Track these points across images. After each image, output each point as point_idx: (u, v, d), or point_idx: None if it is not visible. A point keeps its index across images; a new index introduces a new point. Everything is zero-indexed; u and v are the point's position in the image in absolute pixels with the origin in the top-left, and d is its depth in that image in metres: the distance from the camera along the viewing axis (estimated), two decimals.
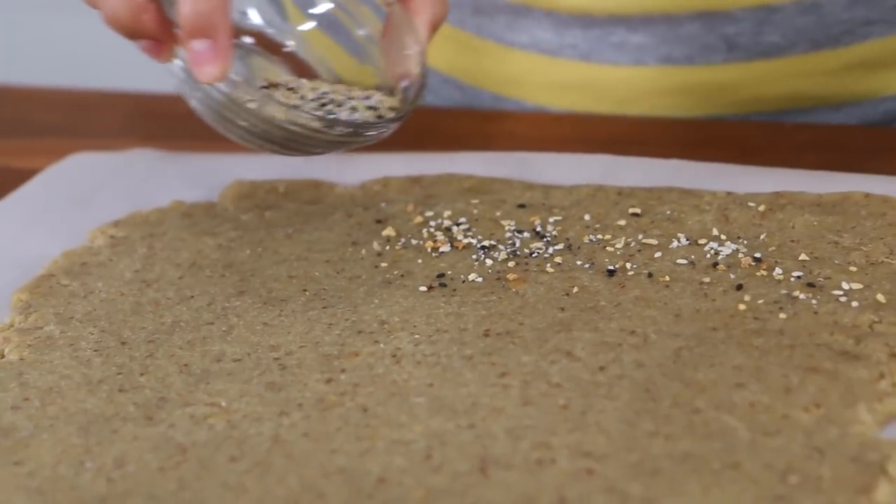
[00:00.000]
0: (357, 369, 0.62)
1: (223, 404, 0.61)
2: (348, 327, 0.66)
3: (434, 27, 0.73)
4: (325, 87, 0.74)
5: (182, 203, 0.81)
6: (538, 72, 0.95)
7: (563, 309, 0.66)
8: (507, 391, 0.60)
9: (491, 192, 0.79)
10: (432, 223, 0.75)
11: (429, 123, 0.95)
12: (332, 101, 0.72)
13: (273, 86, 0.73)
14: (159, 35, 0.67)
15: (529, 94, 0.96)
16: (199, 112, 0.69)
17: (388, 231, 0.75)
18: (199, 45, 0.65)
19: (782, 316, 0.64)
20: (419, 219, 0.76)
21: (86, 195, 0.83)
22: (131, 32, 0.68)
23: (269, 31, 0.77)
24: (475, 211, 0.76)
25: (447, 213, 0.76)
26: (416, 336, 0.64)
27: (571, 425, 0.57)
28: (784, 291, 0.66)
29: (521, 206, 0.77)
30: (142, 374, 0.64)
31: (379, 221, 0.76)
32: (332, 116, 0.70)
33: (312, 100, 0.72)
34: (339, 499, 0.54)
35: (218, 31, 0.64)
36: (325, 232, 0.76)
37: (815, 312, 0.64)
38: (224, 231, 0.77)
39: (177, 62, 0.68)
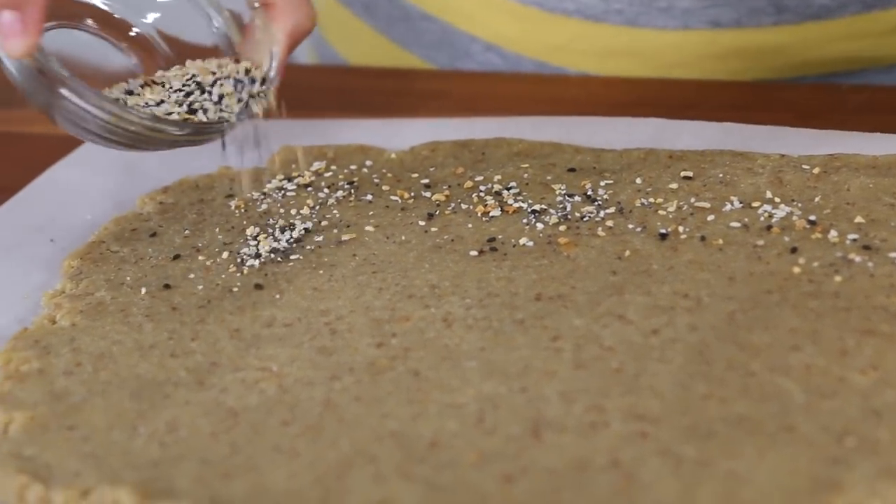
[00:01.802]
0: (408, 333, 0.62)
1: (274, 369, 0.61)
2: (399, 292, 0.65)
3: (294, 37, 0.72)
4: (193, 70, 0.72)
5: (230, 169, 0.81)
6: (583, 38, 0.94)
7: (614, 272, 0.65)
8: (560, 355, 0.59)
9: (541, 155, 0.78)
10: (482, 187, 0.75)
11: (476, 89, 0.94)
12: (198, 88, 0.71)
13: (148, 84, 0.71)
14: None
15: (574, 62, 0.95)
16: (16, 85, 0.67)
17: (438, 196, 0.74)
18: (6, 16, 0.62)
19: (838, 279, 0.63)
20: (469, 183, 0.75)
21: (135, 161, 0.83)
22: None
23: (116, 13, 0.74)
24: (525, 175, 0.76)
25: (497, 178, 0.76)
26: (467, 300, 0.64)
27: (624, 388, 0.57)
28: (839, 254, 0.65)
29: (572, 169, 0.76)
30: (193, 340, 0.64)
31: (428, 186, 0.76)
32: (169, 118, 0.69)
33: (177, 90, 0.71)
34: (392, 462, 0.54)
35: (27, 2, 0.62)
36: (374, 197, 0.75)
37: (871, 275, 0.63)
38: (274, 197, 0.77)
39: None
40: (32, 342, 0.64)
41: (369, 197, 0.75)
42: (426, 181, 0.76)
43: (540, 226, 0.70)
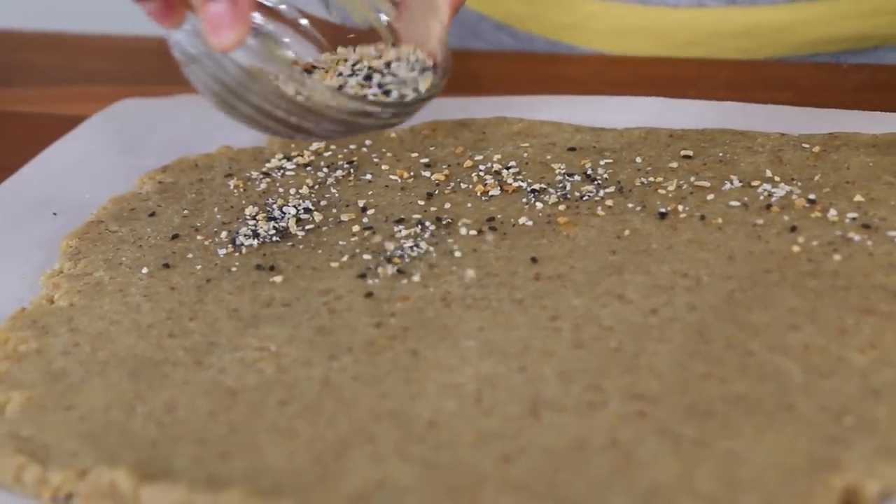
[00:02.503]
0: (407, 313, 0.62)
1: (273, 349, 0.61)
2: (397, 271, 0.65)
3: (455, 7, 0.69)
4: (352, 56, 0.69)
5: (230, 148, 0.81)
6: (596, 17, 0.93)
7: (614, 252, 0.65)
8: (559, 334, 0.59)
9: (541, 135, 0.78)
10: (482, 167, 0.75)
11: (480, 67, 0.94)
12: (373, 71, 0.67)
13: (308, 69, 0.69)
14: None
15: (586, 40, 0.95)
16: (202, 88, 0.64)
17: (438, 175, 0.74)
18: (216, 6, 0.60)
19: (837, 257, 0.63)
20: (468, 163, 0.75)
21: (134, 141, 0.83)
22: None
23: (282, 6, 0.72)
24: (525, 154, 0.75)
25: (497, 157, 0.75)
26: (466, 279, 0.64)
27: (623, 368, 0.57)
28: (839, 233, 0.65)
29: (572, 149, 0.76)
30: (191, 319, 0.64)
31: (428, 165, 0.76)
32: (389, 99, 0.66)
33: (349, 75, 0.67)
34: (390, 442, 0.54)
35: None
36: (373, 177, 0.75)
37: (871, 254, 0.63)
38: (273, 176, 0.76)
39: (179, 32, 0.64)
40: (30, 322, 0.64)
41: (369, 177, 0.75)
42: (426, 160, 0.76)
43: (539, 205, 0.70)
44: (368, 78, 0.67)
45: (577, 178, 0.72)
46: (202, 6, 0.60)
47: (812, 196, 0.68)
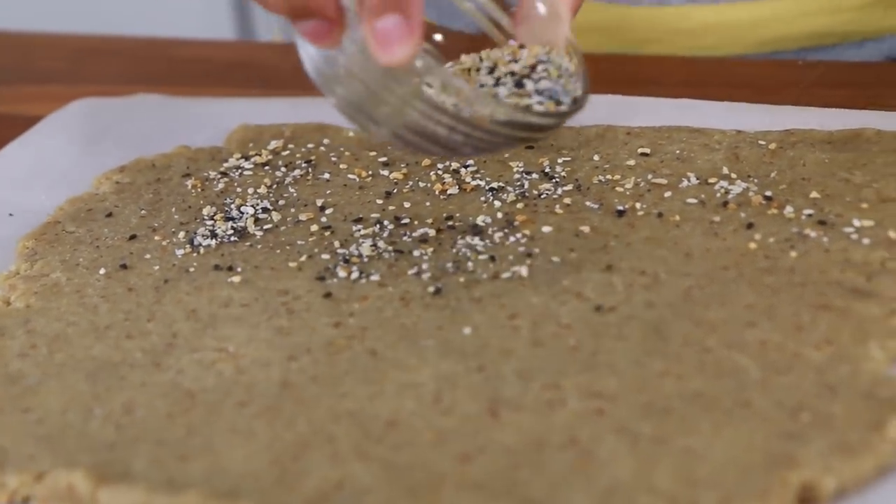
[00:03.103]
0: (365, 313, 0.62)
1: (231, 349, 0.60)
2: (356, 271, 0.65)
3: (575, 10, 0.67)
4: (485, 64, 0.64)
5: (187, 148, 0.80)
6: None
7: (572, 250, 0.65)
8: (517, 333, 0.59)
9: None
10: (440, 165, 0.75)
11: None
12: (522, 78, 0.62)
13: None
14: (334, 13, 0.58)
15: None
16: (341, 103, 0.60)
17: (396, 174, 0.74)
18: (386, 21, 0.55)
19: (793, 254, 0.63)
20: (427, 161, 0.75)
21: (90, 141, 0.83)
22: (302, 11, 0.58)
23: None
24: None
25: None
26: (425, 278, 0.64)
27: (581, 366, 0.57)
28: (795, 229, 0.65)
29: (530, 147, 0.76)
30: (149, 321, 0.63)
31: (386, 164, 0.76)
32: (562, 108, 0.61)
33: (493, 84, 0.62)
34: (349, 442, 0.54)
35: (410, 2, 0.55)
36: (332, 176, 0.75)
37: (827, 250, 0.63)
38: (231, 176, 0.76)
39: (317, 50, 0.59)
40: None
41: (327, 176, 0.75)
42: (384, 159, 0.76)
43: (498, 203, 0.70)
44: (520, 85, 0.62)
45: (535, 176, 0.72)
46: (368, 20, 0.56)
47: (768, 193, 0.68)
